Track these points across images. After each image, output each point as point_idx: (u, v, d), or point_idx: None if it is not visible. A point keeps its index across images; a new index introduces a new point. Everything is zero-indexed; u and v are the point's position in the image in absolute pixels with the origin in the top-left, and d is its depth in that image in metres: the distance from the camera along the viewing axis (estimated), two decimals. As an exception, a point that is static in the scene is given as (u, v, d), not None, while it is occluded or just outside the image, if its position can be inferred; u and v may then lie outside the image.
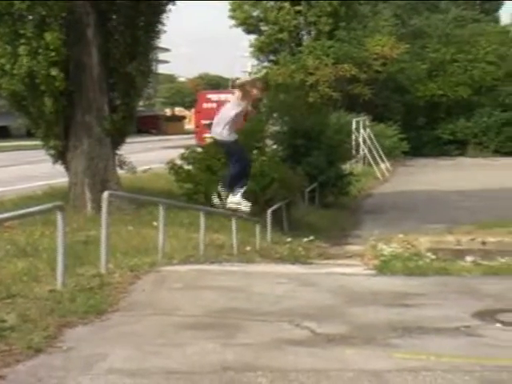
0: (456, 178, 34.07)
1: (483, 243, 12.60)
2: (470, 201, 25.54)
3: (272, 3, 49.86)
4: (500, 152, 48.63)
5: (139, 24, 17.44)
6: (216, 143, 12.43)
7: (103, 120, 17.16)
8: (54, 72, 15.94)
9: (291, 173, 19.98)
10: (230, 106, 10.62)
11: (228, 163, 10.86)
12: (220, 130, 10.36)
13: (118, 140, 17.81)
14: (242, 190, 10.89)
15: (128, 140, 18.55)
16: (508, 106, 49.55)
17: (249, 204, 11.30)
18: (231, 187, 10.72)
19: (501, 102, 49.62)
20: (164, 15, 18.05)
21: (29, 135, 28.22)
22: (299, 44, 49.41)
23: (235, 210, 11.10)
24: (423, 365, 5.89)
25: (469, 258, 11.15)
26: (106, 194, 9.82)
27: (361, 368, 5.82)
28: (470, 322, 7.24)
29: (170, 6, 18.20)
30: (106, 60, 17.28)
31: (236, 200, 11.16)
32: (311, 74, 45.20)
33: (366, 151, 38.45)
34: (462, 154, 49.13)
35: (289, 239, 16.23)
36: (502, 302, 8.25)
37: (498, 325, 7.19)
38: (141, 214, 15.64)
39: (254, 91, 11.11)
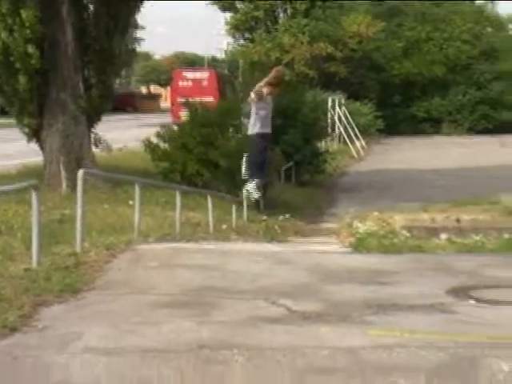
0: (431, 157, 34.25)
1: (458, 221, 12.73)
2: (444, 179, 25.70)
3: (247, -20, 49.63)
4: (474, 130, 48.98)
5: (117, 2, 17.31)
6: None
7: (78, 98, 17.06)
8: (30, 49, 15.82)
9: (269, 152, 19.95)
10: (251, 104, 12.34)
11: None
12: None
13: (93, 118, 17.73)
14: (254, 183, 13.39)
15: (103, 118, 18.46)
16: (482, 84, 49.84)
17: (258, 194, 12.75)
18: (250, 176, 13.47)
19: (475, 81, 49.88)
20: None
21: (2, 113, 28.01)
22: (275, 22, 49.28)
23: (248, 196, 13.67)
24: (398, 341, 5.94)
25: (443, 236, 11.24)
26: (81, 173, 9.77)
27: (336, 345, 5.86)
28: (444, 299, 7.30)
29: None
30: (81, 37, 17.16)
31: (247, 187, 13.73)
32: (287, 52, 45.13)
33: (341, 129, 38.52)
34: (436, 132, 49.40)
35: (265, 217, 16.25)
36: (476, 279, 8.32)
37: (472, 301, 7.26)
38: (116, 193, 15.61)
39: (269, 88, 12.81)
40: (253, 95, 12.91)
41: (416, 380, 5.12)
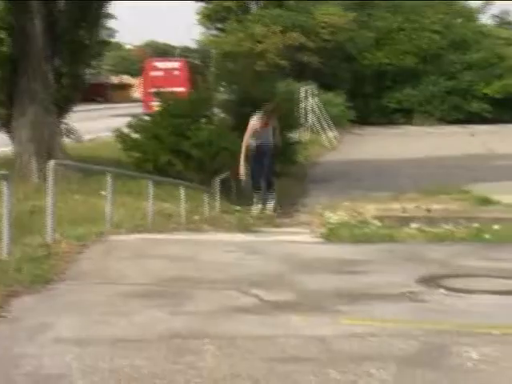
0: (402, 147, 34.39)
1: (428, 210, 12.77)
2: (415, 169, 25.81)
3: (219, -29, 49.41)
4: (445, 120, 49.16)
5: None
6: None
7: (49, 88, 16.94)
8: (1, 35, 15.71)
9: (240, 142, 19.94)
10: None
11: None
12: None
13: (64, 108, 17.62)
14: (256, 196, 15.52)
15: (74, 108, 18.35)
16: (453, 74, 50.06)
17: (257, 206, 15.60)
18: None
19: (446, 71, 50.09)
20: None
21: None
22: (247, 12, 49.16)
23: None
24: (369, 330, 5.98)
25: (414, 225, 11.28)
26: (51, 163, 9.72)
27: (308, 334, 5.89)
28: (415, 288, 7.36)
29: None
30: (52, 28, 17.04)
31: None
32: (259, 42, 45.05)
33: (313, 120, 38.55)
34: (407, 123, 49.52)
35: (237, 208, 16.25)
36: (446, 267, 8.40)
37: (442, 290, 7.32)
38: (88, 183, 15.51)
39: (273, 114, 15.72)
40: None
41: (387, 369, 5.15)
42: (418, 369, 5.19)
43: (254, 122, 15.26)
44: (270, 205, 15.99)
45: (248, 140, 15.31)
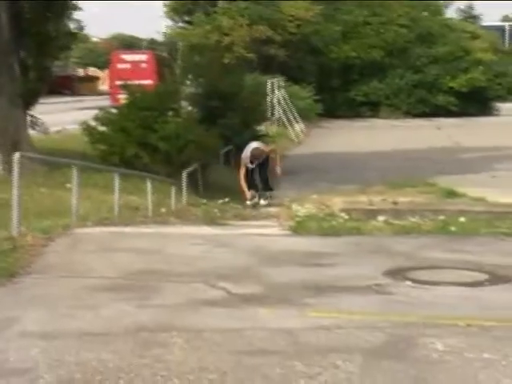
0: (369, 140, 34.57)
1: (395, 203, 12.83)
2: (382, 162, 25.98)
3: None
4: (411, 113, 49.49)
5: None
6: None
7: (15, 81, 16.79)
8: None
9: (207, 135, 19.94)
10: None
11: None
12: None
13: (30, 100, 17.48)
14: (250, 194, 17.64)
15: (41, 101, 18.22)
16: (419, 68, 50.37)
17: (251, 201, 17.42)
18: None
19: (412, 65, 50.39)
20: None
21: None
22: (214, 5, 49.01)
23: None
24: (336, 323, 6.01)
25: (381, 218, 11.34)
26: (17, 156, 9.63)
27: (275, 327, 5.90)
28: (382, 281, 7.40)
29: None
30: (18, 20, 16.87)
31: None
32: (226, 34, 44.97)
33: (280, 113, 38.58)
34: (374, 116, 49.78)
35: (204, 201, 16.23)
36: (412, 260, 8.46)
37: (408, 283, 7.37)
38: (54, 176, 15.40)
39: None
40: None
41: (354, 361, 5.18)
42: (385, 360, 5.22)
43: (246, 159, 17.80)
44: (265, 201, 17.95)
45: (243, 173, 17.80)
